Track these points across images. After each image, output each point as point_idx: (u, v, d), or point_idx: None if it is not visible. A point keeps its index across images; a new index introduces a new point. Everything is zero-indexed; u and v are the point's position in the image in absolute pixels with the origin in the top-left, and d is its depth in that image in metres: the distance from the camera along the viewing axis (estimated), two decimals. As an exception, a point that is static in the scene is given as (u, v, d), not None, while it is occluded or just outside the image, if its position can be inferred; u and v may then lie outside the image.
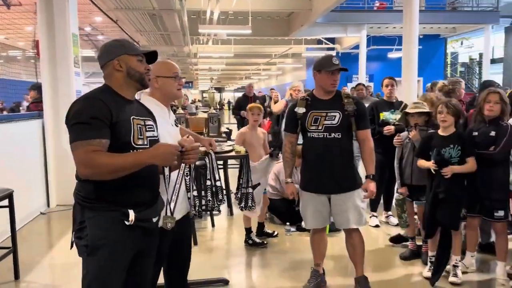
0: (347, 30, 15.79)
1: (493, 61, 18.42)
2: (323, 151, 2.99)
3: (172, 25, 11.69)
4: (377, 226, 4.79)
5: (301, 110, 3.02)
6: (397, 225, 4.28)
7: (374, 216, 4.86)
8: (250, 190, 3.11)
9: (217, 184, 2.52)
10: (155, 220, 1.96)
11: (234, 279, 3.52)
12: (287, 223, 4.69)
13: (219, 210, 5.17)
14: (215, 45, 16.33)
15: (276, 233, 4.52)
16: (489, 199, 3.23)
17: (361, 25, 15.28)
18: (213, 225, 4.89)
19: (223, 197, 2.68)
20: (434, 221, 3.27)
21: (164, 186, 1.96)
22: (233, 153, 3.49)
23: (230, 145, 3.80)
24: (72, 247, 1.89)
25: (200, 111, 13.02)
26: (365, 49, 15.66)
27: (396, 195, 3.96)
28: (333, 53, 16.78)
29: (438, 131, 3.38)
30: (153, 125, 1.98)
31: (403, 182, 3.74)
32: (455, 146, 3.23)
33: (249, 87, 10.06)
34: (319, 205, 3.08)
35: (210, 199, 2.75)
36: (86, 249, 1.79)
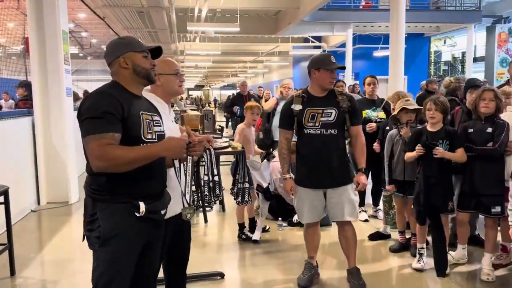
0: (333, 29, 15.93)
1: (475, 59, 18.76)
2: (321, 147, 3.08)
3: (160, 23, 11.68)
4: (366, 221, 4.92)
5: (297, 107, 3.08)
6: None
7: (363, 211, 4.98)
8: (246, 185, 3.18)
9: (215, 179, 2.59)
10: (163, 212, 2.02)
11: (229, 273, 3.58)
12: (279, 218, 4.78)
13: (211, 207, 5.22)
14: (202, 42, 16.33)
15: (268, 228, 4.60)
16: (486, 195, 3.31)
17: (347, 23, 15.44)
18: (205, 221, 4.95)
19: (221, 192, 2.75)
20: (428, 207, 3.37)
21: (175, 178, 2.02)
22: (229, 149, 3.55)
23: (225, 141, 3.87)
24: (84, 239, 1.93)
25: (188, 109, 13.01)
26: (351, 47, 15.83)
27: (384, 192, 4.08)
28: (319, 51, 16.95)
29: (427, 127, 3.50)
30: (159, 120, 2.04)
31: (391, 180, 3.84)
32: (443, 141, 3.35)
33: (243, 85, 9.52)
34: (315, 200, 3.16)
35: (207, 194, 2.82)
36: (98, 240, 1.83)
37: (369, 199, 5.09)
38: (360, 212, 4.88)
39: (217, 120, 7.83)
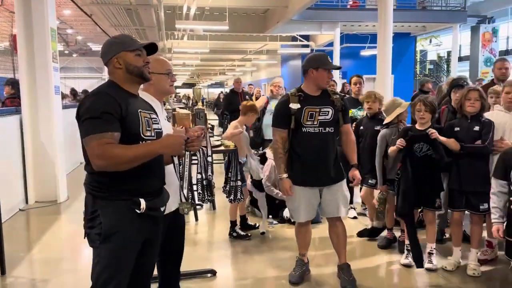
0: (321, 28, 16.00)
1: (460, 59, 19.04)
2: (319, 145, 3.12)
3: (148, 20, 11.62)
4: (355, 218, 4.99)
5: (295, 106, 3.08)
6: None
7: (352, 208, 5.05)
8: (239, 183, 3.21)
9: (209, 178, 2.62)
10: (162, 209, 2.05)
11: (221, 270, 3.61)
12: (270, 216, 4.81)
13: (202, 205, 5.25)
14: (190, 40, 16.27)
15: (258, 225, 4.63)
16: (474, 193, 3.39)
17: (335, 22, 15.52)
18: (196, 219, 4.96)
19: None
20: (410, 203, 3.44)
21: (172, 175, 2.04)
22: (222, 148, 3.57)
23: (218, 139, 3.89)
24: (85, 236, 1.94)
25: (177, 107, 12.97)
26: (338, 46, 15.90)
27: (379, 193, 4.12)
28: (307, 50, 17.03)
29: (416, 125, 3.57)
30: (157, 118, 2.07)
31: (384, 180, 3.90)
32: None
33: (237, 82, 8.92)
34: (312, 198, 3.20)
35: (201, 192, 2.85)
36: (99, 237, 1.85)
37: (357, 197, 5.16)
38: (349, 209, 4.95)
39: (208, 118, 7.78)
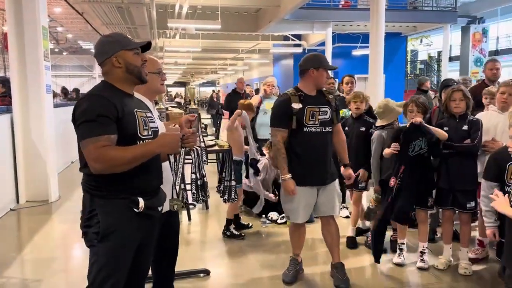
0: (313, 27, 16.04)
1: (450, 59, 19.21)
2: (320, 144, 3.15)
3: (140, 19, 11.56)
4: (347, 217, 5.01)
5: (297, 106, 3.08)
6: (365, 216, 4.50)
7: (344, 207, 5.08)
8: (233, 183, 3.21)
9: (204, 179, 2.62)
10: (159, 209, 2.05)
11: (214, 270, 3.61)
12: (263, 215, 4.82)
13: (195, 204, 5.24)
14: (182, 39, 16.21)
15: (251, 225, 4.64)
16: (462, 191, 3.43)
17: (327, 22, 15.56)
18: (189, 218, 4.95)
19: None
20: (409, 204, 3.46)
21: (167, 172, 2.04)
22: (216, 148, 3.57)
23: (211, 139, 3.89)
24: (83, 236, 1.93)
25: (168, 106, 12.94)
26: (330, 46, 15.95)
27: (375, 194, 4.14)
28: (299, 50, 17.06)
29: (407, 125, 3.60)
30: (152, 116, 2.06)
31: (381, 180, 3.91)
32: (423, 138, 3.46)
33: (240, 82, 8.01)
34: (310, 198, 3.21)
35: (195, 192, 2.85)
36: (97, 236, 1.84)
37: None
38: (341, 208, 4.98)
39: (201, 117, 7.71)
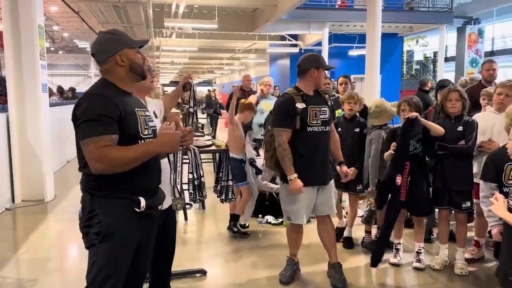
0: (310, 27, 16.05)
1: (446, 59, 19.27)
2: (322, 143, 3.16)
3: (137, 18, 11.52)
4: (344, 217, 5.01)
5: (301, 105, 3.06)
6: (362, 216, 4.50)
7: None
8: (230, 183, 3.20)
9: (201, 179, 2.62)
10: (159, 208, 2.04)
11: (211, 270, 3.61)
12: (259, 215, 4.82)
13: (191, 205, 5.24)
14: (179, 38, 16.17)
15: (247, 225, 4.64)
16: (457, 191, 3.44)
17: (323, 22, 15.58)
18: (186, 218, 4.95)
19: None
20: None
21: (165, 172, 2.04)
22: (213, 147, 3.56)
23: (208, 139, 3.88)
24: (83, 236, 1.90)
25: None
26: (327, 46, 15.97)
27: (374, 196, 4.14)
28: (296, 50, 17.07)
29: (403, 121, 3.61)
30: (151, 115, 2.05)
31: (383, 181, 3.91)
32: (417, 136, 3.46)
33: (247, 80, 7.32)
34: (311, 198, 3.20)
35: (192, 192, 2.85)
36: (98, 236, 1.82)
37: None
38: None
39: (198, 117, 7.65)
